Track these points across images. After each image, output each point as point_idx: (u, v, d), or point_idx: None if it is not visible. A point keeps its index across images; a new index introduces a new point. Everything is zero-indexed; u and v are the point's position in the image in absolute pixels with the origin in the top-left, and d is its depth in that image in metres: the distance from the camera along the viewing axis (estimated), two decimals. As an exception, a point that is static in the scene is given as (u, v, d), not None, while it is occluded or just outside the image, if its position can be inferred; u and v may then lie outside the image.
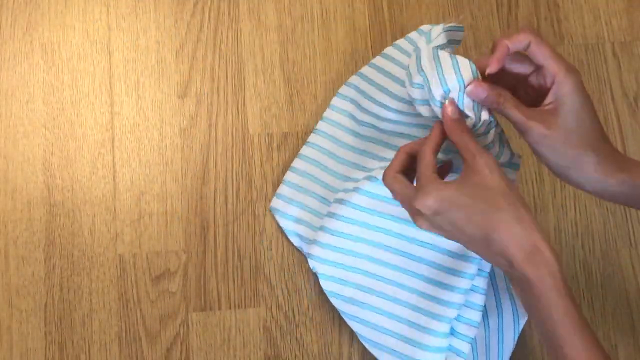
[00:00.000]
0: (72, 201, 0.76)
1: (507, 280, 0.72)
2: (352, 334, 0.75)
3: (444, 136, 0.60)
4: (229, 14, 0.82)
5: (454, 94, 0.59)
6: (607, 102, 0.82)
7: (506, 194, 0.55)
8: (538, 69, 0.59)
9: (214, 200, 0.77)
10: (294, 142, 0.79)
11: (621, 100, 0.82)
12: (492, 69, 0.58)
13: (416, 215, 0.58)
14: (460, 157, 0.59)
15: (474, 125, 0.60)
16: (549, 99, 0.58)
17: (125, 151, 0.78)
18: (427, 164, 0.58)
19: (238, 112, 0.79)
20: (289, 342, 0.74)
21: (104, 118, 0.78)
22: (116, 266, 0.75)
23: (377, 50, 0.82)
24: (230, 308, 0.75)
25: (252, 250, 0.76)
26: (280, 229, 0.77)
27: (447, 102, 0.59)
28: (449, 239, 0.58)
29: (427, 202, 0.55)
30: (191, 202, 0.77)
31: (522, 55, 0.60)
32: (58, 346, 0.73)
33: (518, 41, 0.58)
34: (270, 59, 0.81)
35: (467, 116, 0.60)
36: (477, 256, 0.66)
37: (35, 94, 0.79)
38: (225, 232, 0.76)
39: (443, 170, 0.64)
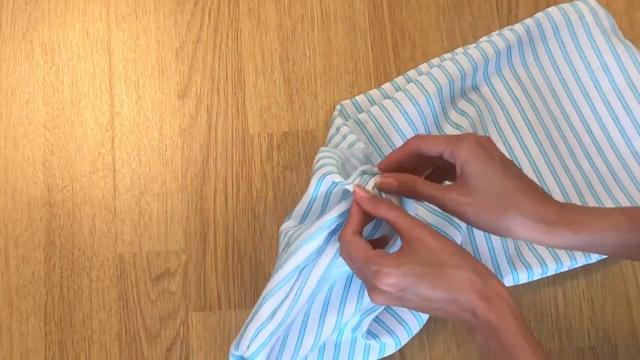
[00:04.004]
0: (72, 201, 0.76)
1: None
2: (352, 334, 0.75)
3: (362, 216, 0.60)
4: (229, 14, 0.82)
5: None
6: (607, 102, 0.82)
7: (455, 252, 0.56)
8: (440, 155, 0.60)
9: (214, 200, 0.77)
10: (294, 141, 0.79)
11: (621, 100, 0.82)
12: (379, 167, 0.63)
13: (374, 291, 0.57)
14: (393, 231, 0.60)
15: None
16: (458, 171, 0.58)
17: (125, 151, 0.78)
18: (363, 247, 0.57)
19: (238, 112, 0.79)
20: (289, 342, 0.74)
21: (104, 118, 0.78)
22: (116, 266, 0.75)
23: (377, 50, 0.82)
24: (230, 308, 0.75)
25: (252, 250, 0.76)
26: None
27: (354, 186, 0.60)
28: (414, 309, 0.58)
29: (391, 281, 0.55)
30: (191, 202, 0.77)
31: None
32: (58, 346, 0.73)
33: (407, 151, 0.61)
34: (270, 59, 0.81)
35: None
36: None
37: (35, 94, 0.79)
38: (225, 232, 0.76)
39: (379, 243, 0.64)
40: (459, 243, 0.72)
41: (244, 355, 0.63)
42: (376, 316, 0.71)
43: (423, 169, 0.64)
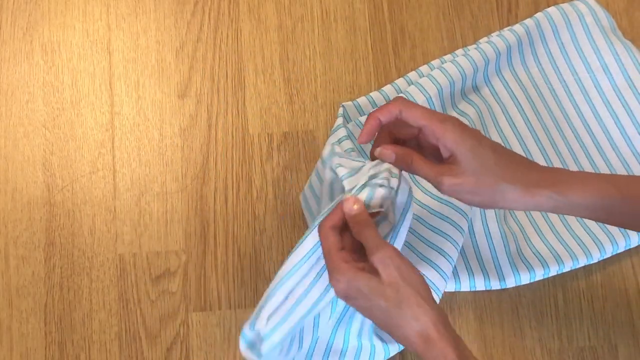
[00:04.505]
0: (72, 201, 0.76)
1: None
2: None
3: (344, 217, 0.60)
4: (229, 14, 0.82)
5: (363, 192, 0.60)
6: (607, 102, 0.82)
7: (401, 289, 0.56)
8: (420, 129, 0.60)
9: (214, 200, 0.77)
10: (294, 142, 0.79)
11: (621, 100, 0.82)
12: (361, 140, 0.60)
13: (332, 280, 0.59)
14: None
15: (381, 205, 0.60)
16: (443, 153, 0.59)
17: (125, 151, 0.78)
18: (331, 244, 0.58)
19: (238, 112, 0.79)
20: (289, 342, 0.74)
21: (104, 118, 0.78)
22: (116, 266, 0.75)
23: (377, 50, 0.82)
24: (230, 308, 0.75)
25: (252, 250, 0.76)
26: (280, 229, 0.77)
27: (346, 196, 0.60)
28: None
29: (338, 287, 0.57)
30: (191, 202, 0.77)
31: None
32: (58, 346, 0.73)
33: (388, 112, 0.60)
34: (270, 59, 0.81)
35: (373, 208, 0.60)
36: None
37: (35, 94, 0.79)
38: (225, 232, 0.76)
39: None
40: (460, 245, 0.72)
41: (260, 331, 0.62)
42: None
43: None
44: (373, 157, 0.62)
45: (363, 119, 0.76)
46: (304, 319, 0.63)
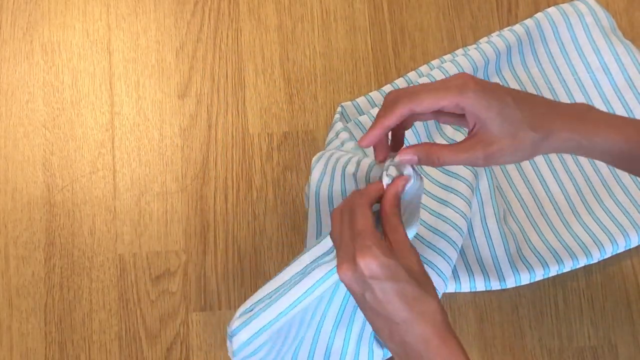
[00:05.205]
0: (72, 201, 0.76)
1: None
2: (352, 334, 0.75)
3: (378, 196, 0.57)
4: (229, 14, 0.82)
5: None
6: (607, 102, 0.82)
7: (424, 281, 0.54)
8: (439, 111, 0.57)
9: (214, 200, 0.77)
10: (294, 142, 0.79)
11: (621, 100, 0.82)
12: (362, 144, 0.57)
13: (349, 263, 0.54)
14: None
15: None
16: (470, 122, 0.56)
17: (125, 151, 0.78)
18: (369, 219, 0.54)
19: (238, 112, 0.79)
20: (289, 342, 0.74)
21: (104, 118, 0.79)
22: (116, 266, 0.75)
23: (377, 50, 0.82)
24: (230, 308, 0.75)
25: (252, 250, 0.76)
26: (280, 229, 0.77)
27: (399, 176, 0.57)
28: (362, 306, 0.55)
29: (372, 265, 0.52)
30: (191, 202, 0.77)
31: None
32: (58, 346, 0.73)
33: (397, 116, 0.57)
34: (270, 59, 0.81)
35: None
36: None
37: (35, 94, 0.79)
38: (225, 232, 0.76)
39: None
40: (459, 246, 0.72)
41: (228, 328, 0.61)
42: None
43: (411, 123, 0.61)
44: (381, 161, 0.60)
45: (362, 118, 0.76)
46: (276, 320, 0.60)
